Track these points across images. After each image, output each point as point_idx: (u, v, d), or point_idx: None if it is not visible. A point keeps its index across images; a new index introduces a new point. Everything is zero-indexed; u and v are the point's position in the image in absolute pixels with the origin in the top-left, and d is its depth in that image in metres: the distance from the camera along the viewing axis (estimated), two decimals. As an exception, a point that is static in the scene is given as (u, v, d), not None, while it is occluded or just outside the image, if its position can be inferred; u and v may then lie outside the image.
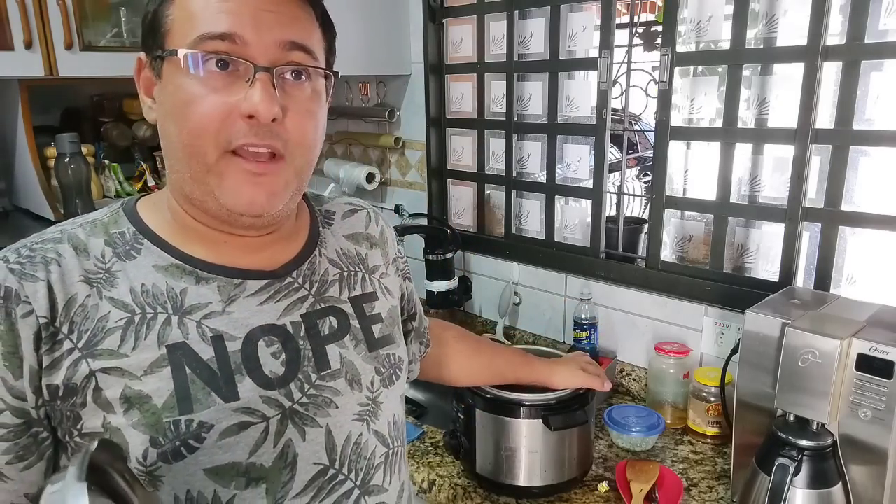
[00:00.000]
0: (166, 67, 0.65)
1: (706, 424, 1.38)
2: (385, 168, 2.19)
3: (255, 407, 0.66)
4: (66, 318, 0.62)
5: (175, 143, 0.65)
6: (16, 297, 0.61)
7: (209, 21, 0.62)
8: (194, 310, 0.66)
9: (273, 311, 0.70)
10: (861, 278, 1.34)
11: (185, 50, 0.62)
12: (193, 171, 0.65)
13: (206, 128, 0.63)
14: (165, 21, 0.65)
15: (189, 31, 0.63)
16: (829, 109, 1.30)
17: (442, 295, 1.83)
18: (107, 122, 1.94)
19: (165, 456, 0.62)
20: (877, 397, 0.96)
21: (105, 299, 0.64)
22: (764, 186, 1.45)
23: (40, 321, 0.61)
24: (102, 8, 1.67)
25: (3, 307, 0.60)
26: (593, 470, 1.28)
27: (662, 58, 1.46)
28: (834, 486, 1.02)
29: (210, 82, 0.63)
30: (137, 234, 0.69)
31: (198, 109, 0.63)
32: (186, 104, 0.63)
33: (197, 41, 0.62)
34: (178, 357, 0.64)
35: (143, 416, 0.62)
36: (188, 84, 0.63)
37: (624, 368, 1.62)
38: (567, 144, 1.78)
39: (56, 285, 0.63)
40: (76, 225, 0.69)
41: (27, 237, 0.67)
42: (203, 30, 0.62)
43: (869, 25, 1.22)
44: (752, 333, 1.10)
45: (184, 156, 0.65)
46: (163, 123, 0.67)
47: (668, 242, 1.60)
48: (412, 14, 1.94)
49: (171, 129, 0.65)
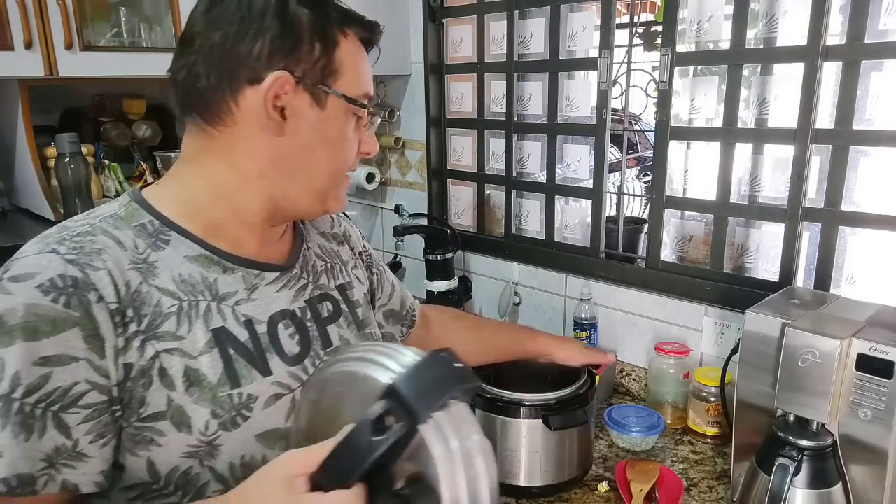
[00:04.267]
0: (332, 102, 0.75)
1: (706, 424, 1.38)
2: (385, 168, 2.19)
3: (284, 381, 0.75)
4: (129, 303, 0.67)
5: (322, 165, 0.77)
6: (84, 285, 0.65)
7: (367, 83, 0.78)
8: (227, 297, 0.74)
9: (286, 298, 0.80)
10: (861, 278, 1.34)
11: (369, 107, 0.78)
12: (326, 186, 0.78)
13: (347, 161, 0.79)
14: (336, 63, 0.74)
15: (357, 84, 0.76)
16: (829, 109, 1.30)
17: (442, 295, 1.83)
18: (106, 122, 1.94)
19: (225, 425, 0.70)
20: (877, 397, 0.96)
21: (153, 287, 0.69)
22: (764, 186, 1.45)
23: (110, 307, 0.66)
24: (102, 8, 1.67)
25: (76, 295, 0.64)
26: (593, 470, 1.28)
27: (662, 58, 1.46)
28: (834, 486, 1.02)
29: (354, 127, 0.78)
30: (162, 225, 0.73)
31: (348, 148, 0.78)
32: (339, 141, 0.77)
33: (363, 97, 0.77)
34: (222, 339, 0.72)
35: (202, 392, 0.69)
36: (348, 125, 0.77)
37: (624, 368, 1.62)
38: (567, 144, 1.78)
39: (114, 273, 0.67)
40: (95, 219, 0.72)
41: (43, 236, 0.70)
42: (368, 91, 0.78)
43: (869, 25, 1.22)
44: (752, 333, 1.10)
45: (326, 176, 0.77)
46: (312, 144, 0.75)
47: (668, 242, 1.60)
48: (412, 14, 1.94)
49: (325, 153, 0.76)
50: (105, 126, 1.93)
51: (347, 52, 0.75)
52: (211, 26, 0.71)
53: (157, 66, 1.72)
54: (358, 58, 0.77)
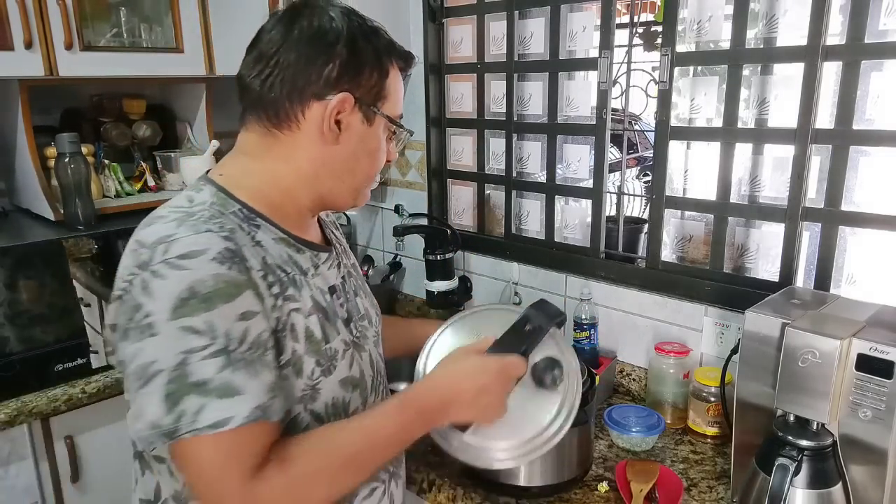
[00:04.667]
0: (378, 121, 0.90)
1: (706, 424, 1.38)
2: (385, 168, 2.19)
3: (346, 339, 0.92)
4: (267, 271, 0.81)
5: (364, 170, 0.92)
6: (241, 256, 0.78)
7: (400, 105, 0.94)
8: (306, 272, 0.89)
9: (334, 274, 0.95)
10: (861, 278, 1.34)
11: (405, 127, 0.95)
12: (362, 186, 0.94)
13: (380, 167, 0.94)
14: (386, 89, 0.89)
15: (396, 106, 0.92)
16: (829, 109, 1.30)
17: (442, 295, 1.83)
18: (106, 122, 1.94)
19: (324, 372, 0.86)
20: (877, 397, 0.96)
21: (268, 262, 0.83)
22: (764, 186, 1.45)
23: (259, 273, 0.80)
24: (102, 8, 1.67)
25: (239, 263, 0.77)
26: (593, 470, 1.28)
27: (662, 58, 1.47)
28: (834, 486, 1.02)
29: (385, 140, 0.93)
30: (249, 212, 0.85)
31: (382, 156, 0.93)
32: (377, 151, 0.92)
33: (398, 117, 0.93)
34: (317, 303, 0.88)
35: (312, 345, 0.85)
36: (382, 139, 0.92)
37: (624, 368, 1.62)
38: (567, 144, 1.78)
39: (251, 248, 0.81)
40: (204, 205, 0.82)
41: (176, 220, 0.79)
42: (401, 112, 0.94)
43: (869, 25, 1.22)
44: (752, 333, 1.10)
45: (363, 178, 0.93)
46: (357, 153, 0.90)
47: (668, 242, 1.60)
48: (412, 14, 1.94)
49: (366, 161, 0.91)
50: (105, 126, 1.93)
51: (393, 80, 0.90)
52: (289, 46, 0.84)
53: (157, 66, 1.74)
54: (398, 84, 0.92)
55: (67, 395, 1.54)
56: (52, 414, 1.52)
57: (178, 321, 0.73)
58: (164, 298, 0.73)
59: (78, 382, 1.59)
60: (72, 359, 1.61)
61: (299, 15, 0.85)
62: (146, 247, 0.77)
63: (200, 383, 0.72)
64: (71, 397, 1.54)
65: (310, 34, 0.84)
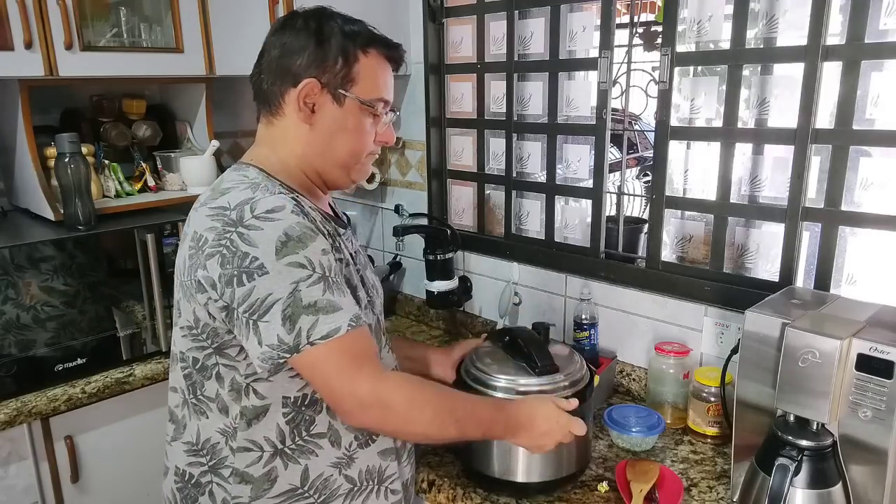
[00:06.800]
0: (349, 103, 1.01)
1: (706, 424, 1.38)
2: (385, 168, 2.19)
3: (362, 296, 1.05)
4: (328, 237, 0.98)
5: (343, 147, 1.04)
6: (305, 213, 0.95)
7: (385, 90, 1.05)
8: (335, 238, 1.03)
9: (350, 246, 1.10)
10: (861, 278, 1.34)
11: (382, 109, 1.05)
12: (348, 163, 1.05)
13: (364, 147, 1.06)
14: (354, 73, 1.01)
15: (374, 91, 1.03)
16: (829, 109, 1.30)
17: (442, 295, 1.83)
18: (106, 122, 1.94)
19: (366, 313, 1.03)
20: (877, 397, 0.96)
21: (316, 221, 0.98)
22: (764, 186, 1.45)
23: (318, 226, 0.96)
24: (102, 8, 1.67)
25: (307, 216, 0.95)
26: (593, 470, 1.28)
27: (662, 58, 1.46)
28: (834, 486, 1.03)
29: (372, 121, 1.05)
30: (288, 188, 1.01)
31: (364, 136, 1.05)
32: (356, 131, 1.04)
33: (378, 100, 1.04)
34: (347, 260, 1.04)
35: (359, 291, 1.03)
36: (364, 120, 1.04)
37: (624, 368, 1.62)
38: (567, 144, 1.78)
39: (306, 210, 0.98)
40: (259, 180, 0.99)
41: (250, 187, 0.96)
42: (384, 96, 1.05)
43: (869, 25, 1.22)
44: (752, 333, 1.10)
45: (346, 155, 1.05)
46: (333, 132, 1.03)
47: (668, 242, 1.60)
48: (412, 14, 1.94)
49: (343, 139, 1.03)
50: (105, 126, 1.93)
51: (365, 66, 1.01)
52: (274, 44, 1.02)
53: (157, 66, 1.74)
54: (376, 70, 1.03)
55: (67, 395, 1.54)
56: (52, 414, 1.52)
57: (284, 259, 0.89)
58: (267, 243, 0.89)
59: (78, 382, 1.59)
60: (72, 359, 1.61)
61: (287, 21, 1.03)
62: (232, 209, 0.93)
63: (311, 305, 0.89)
64: (71, 397, 1.54)
65: (290, 35, 1.01)
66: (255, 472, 0.99)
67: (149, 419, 1.67)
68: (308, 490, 1.01)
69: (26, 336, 1.55)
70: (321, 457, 1.01)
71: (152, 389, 1.66)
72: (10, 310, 1.53)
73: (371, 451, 1.07)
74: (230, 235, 0.91)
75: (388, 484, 1.09)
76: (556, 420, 1.07)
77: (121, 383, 1.61)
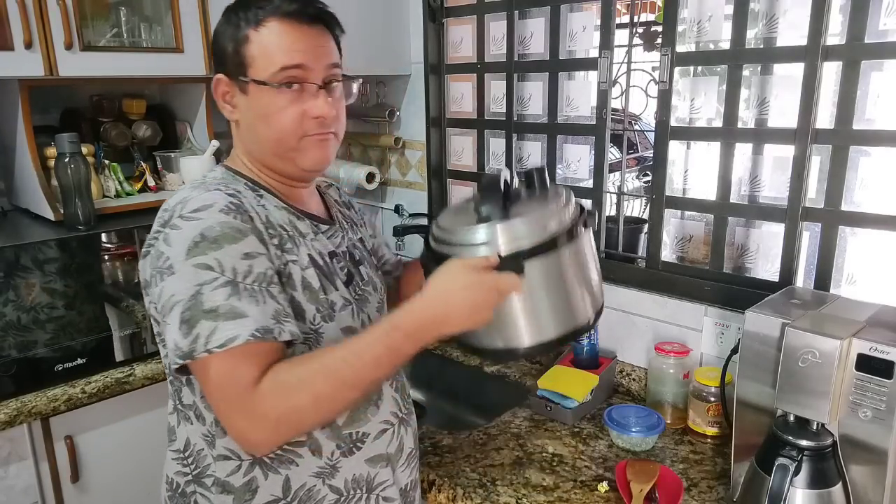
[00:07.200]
0: (253, 87, 0.94)
1: (706, 424, 1.38)
2: (385, 168, 2.19)
3: (345, 295, 1.02)
4: (268, 226, 0.93)
5: (266, 136, 0.96)
6: (243, 210, 0.90)
7: (286, 56, 0.93)
8: (305, 235, 1.00)
9: (335, 243, 1.05)
10: (861, 278, 1.34)
11: (272, 81, 0.93)
12: (280, 151, 0.97)
13: (289, 127, 0.95)
14: (246, 56, 0.94)
15: (270, 64, 0.93)
16: (829, 109, 1.30)
17: (442, 295, 1.82)
18: (106, 122, 1.94)
19: (324, 318, 0.97)
20: (877, 397, 0.96)
21: (273, 222, 0.95)
22: (764, 186, 1.45)
23: (260, 226, 0.92)
24: (102, 8, 1.67)
25: (243, 214, 0.90)
26: (593, 470, 1.28)
27: (662, 58, 1.46)
28: (834, 486, 1.03)
29: (288, 98, 0.94)
30: (254, 185, 0.99)
31: (283, 116, 0.94)
32: (274, 112, 0.94)
33: (279, 72, 0.92)
34: (314, 260, 0.99)
35: (310, 294, 0.96)
36: (274, 100, 0.94)
37: (624, 368, 1.62)
38: (567, 144, 1.78)
39: (254, 206, 0.94)
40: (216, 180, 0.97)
41: (190, 187, 0.94)
42: (283, 62, 0.92)
43: (869, 25, 1.22)
44: (752, 333, 1.10)
45: (273, 143, 0.96)
46: (252, 123, 0.97)
47: (668, 242, 1.61)
48: (412, 14, 1.94)
49: (262, 127, 0.96)
50: (105, 126, 1.93)
51: (257, 43, 0.93)
52: None
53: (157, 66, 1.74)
54: (272, 40, 0.93)
55: (67, 395, 1.54)
56: (52, 414, 1.52)
57: (192, 260, 0.85)
58: (180, 244, 0.86)
59: (78, 382, 1.59)
60: (72, 359, 1.61)
61: None
62: (167, 210, 0.91)
63: (211, 310, 0.83)
64: (71, 397, 1.54)
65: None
66: (235, 482, 0.95)
67: (149, 419, 1.67)
68: (291, 501, 0.96)
69: (26, 336, 1.55)
70: (302, 466, 0.96)
71: (152, 389, 1.66)
72: (10, 310, 1.52)
73: (357, 459, 1.01)
74: (159, 236, 0.90)
75: (379, 492, 1.04)
76: (478, 287, 0.84)
77: (121, 383, 1.61)
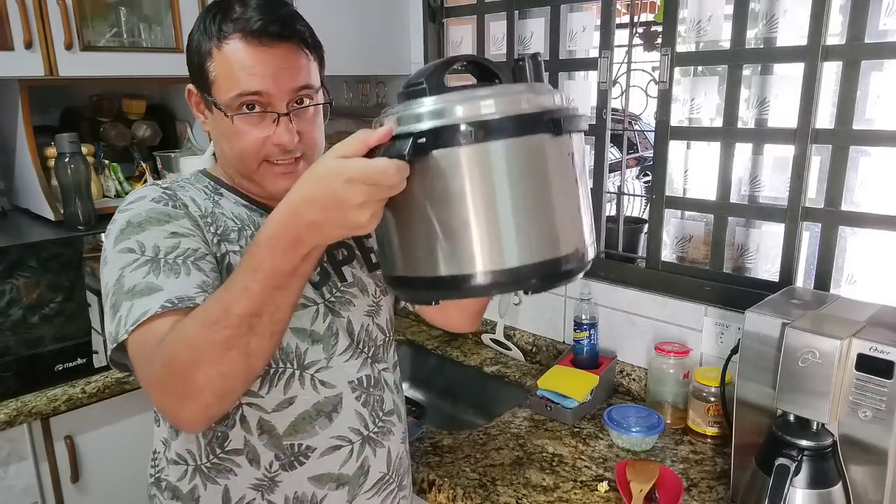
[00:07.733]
0: (215, 108, 0.90)
1: (706, 424, 1.38)
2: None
3: (309, 296, 0.95)
4: (208, 216, 0.92)
5: (228, 155, 0.94)
6: (178, 198, 0.91)
7: (244, 82, 0.87)
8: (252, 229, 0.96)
9: None
10: (861, 278, 1.34)
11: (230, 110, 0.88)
12: (242, 171, 0.94)
13: (248, 152, 0.90)
14: (210, 73, 0.89)
15: (230, 87, 0.87)
16: (829, 109, 1.30)
17: (442, 295, 1.82)
18: (105, 122, 1.94)
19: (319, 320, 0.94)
20: (877, 397, 0.96)
21: (219, 213, 0.94)
22: (764, 186, 1.45)
23: (196, 214, 0.91)
24: (102, 8, 1.67)
25: (177, 201, 0.91)
26: (593, 470, 1.28)
27: (662, 58, 1.47)
28: (834, 486, 1.02)
29: (248, 122, 0.89)
30: (217, 185, 0.98)
31: (242, 140, 0.90)
32: (233, 135, 0.90)
33: (237, 97, 0.87)
34: None
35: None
36: (235, 125, 0.89)
37: (624, 368, 1.62)
38: (567, 144, 1.78)
39: (196, 199, 0.94)
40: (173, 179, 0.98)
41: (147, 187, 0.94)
42: (241, 89, 0.87)
43: (869, 25, 1.22)
44: (752, 333, 1.10)
45: (235, 164, 0.94)
46: (217, 139, 0.95)
47: (668, 242, 1.61)
48: (412, 14, 1.94)
49: (224, 146, 0.93)
50: (104, 126, 1.93)
51: (219, 63, 0.88)
52: None
53: (157, 66, 1.74)
54: (231, 61, 0.87)
55: (67, 395, 1.54)
56: (52, 414, 1.52)
57: (118, 246, 0.85)
58: (111, 234, 0.87)
59: (78, 382, 1.59)
60: (72, 359, 1.61)
61: None
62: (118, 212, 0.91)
63: (130, 289, 0.80)
64: (71, 397, 1.54)
65: None
66: (183, 488, 0.94)
67: (149, 419, 1.67)
68: None
69: (26, 336, 1.55)
70: (241, 476, 0.92)
71: (152, 389, 1.66)
72: (9, 310, 1.52)
73: (299, 475, 0.93)
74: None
75: None
76: (335, 176, 0.65)
77: (121, 383, 1.61)
